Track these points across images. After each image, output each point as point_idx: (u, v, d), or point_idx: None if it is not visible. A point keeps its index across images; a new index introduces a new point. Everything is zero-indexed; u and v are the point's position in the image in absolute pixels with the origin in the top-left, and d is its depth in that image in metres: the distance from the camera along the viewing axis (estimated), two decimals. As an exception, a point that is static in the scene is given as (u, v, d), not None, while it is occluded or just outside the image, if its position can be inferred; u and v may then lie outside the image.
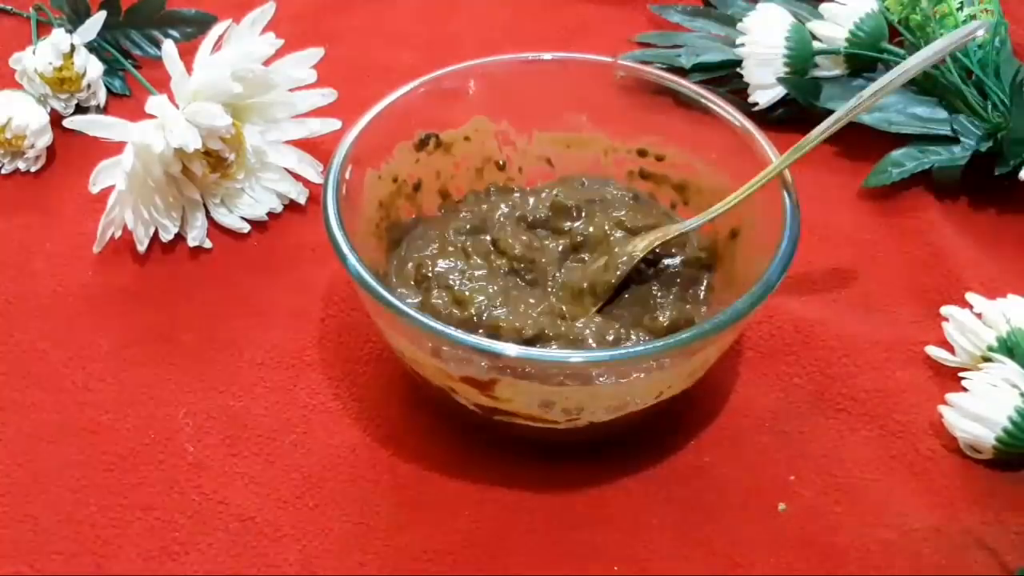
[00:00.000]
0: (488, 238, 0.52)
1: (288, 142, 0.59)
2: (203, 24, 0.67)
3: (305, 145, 0.60)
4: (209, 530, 0.46)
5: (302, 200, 0.60)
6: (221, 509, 0.46)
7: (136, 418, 0.50)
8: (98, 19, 0.65)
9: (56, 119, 0.62)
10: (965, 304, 0.51)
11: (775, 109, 0.65)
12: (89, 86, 0.64)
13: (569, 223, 0.53)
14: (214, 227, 0.58)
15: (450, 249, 0.52)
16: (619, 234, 0.52)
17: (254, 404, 0.50)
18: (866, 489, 0.48)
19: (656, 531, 0.46)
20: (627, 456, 0.48)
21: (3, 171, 0.62)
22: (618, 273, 0.50)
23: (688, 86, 0.53)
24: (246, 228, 0.58)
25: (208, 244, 0.58)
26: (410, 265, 0.52)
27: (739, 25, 0.66)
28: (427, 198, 0.55)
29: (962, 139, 0.61)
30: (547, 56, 0.55)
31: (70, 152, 0.63)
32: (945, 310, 0.51)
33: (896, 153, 0.62)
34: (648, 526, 0.46)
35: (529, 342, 0.47)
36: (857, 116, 0.51)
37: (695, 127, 0.53)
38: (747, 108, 0.63)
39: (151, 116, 0.54)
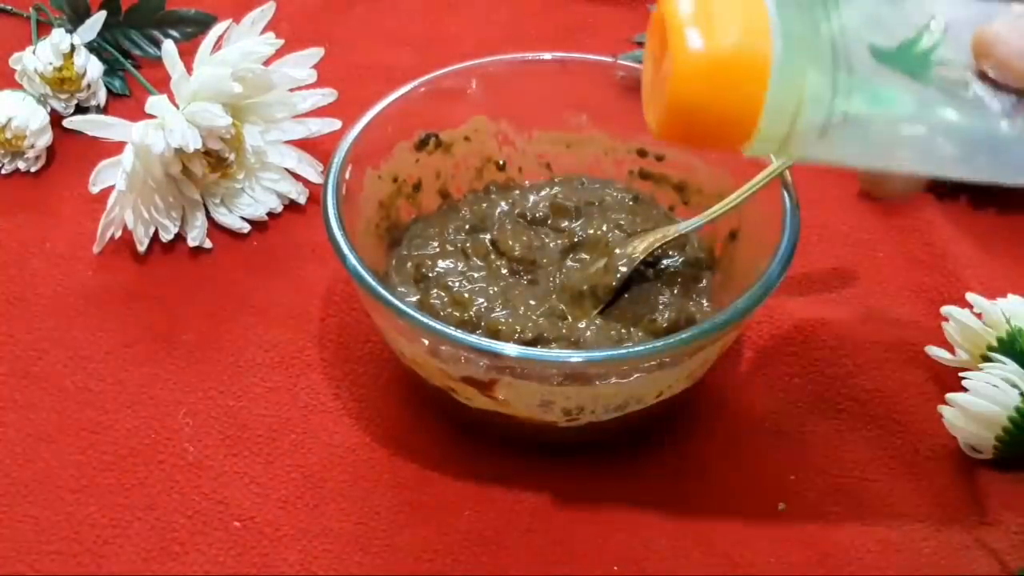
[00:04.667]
0: (488, 238, 0.53)
1: (288, 142, 0.59)
2: (203, 24, 0.67)
3: (305, 145, 0.60)
4: (209, 530, 0.46)
5: (302, 200, 0.60)
6: (221, 509, 0.46)
7: (136, 418, 0.50)
8: (98, 19, 0.65)
9: (56, 119, 0.62)
10: (965, 304, 0.51)
11: (775, 109, 0.65)
12: (89, 86, 0.64)
13: (568, 222, 0.53)
14: (214, 227, 0.58)
15: (450, 249, 0.52)
16: (619, 236, 0.52)
17: (254, 404, 0.50)
18: (866, 489, 0.48)
19: (656, 531, 0.46)
20: (627, 456, 0.48)
21: (3, 171, 0.62)
22: (618, 276, 0.50)
23: (688, 86, 0.53)
24: (246, 228, 0.58)
25: (208, 244, 0.58)
26: (410, 265, 0.52)
27: (739, 25, 0.66)
28: (427, 198, 0.55)
29: (962, 139, 0.61)
30: (547, 56, 0.55)
31: (70, 152, 0.63)
32: (945, 310, 0.51)
33: (896, 153, 0.61)
34: (648, 526, 0.46)
35: (529, 344, 0.47)
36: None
37: (695, 127, 0.53)
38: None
39: (151, 116, 0.54)
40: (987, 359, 0.49)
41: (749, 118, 0.32)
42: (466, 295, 0.49)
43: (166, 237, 0.57)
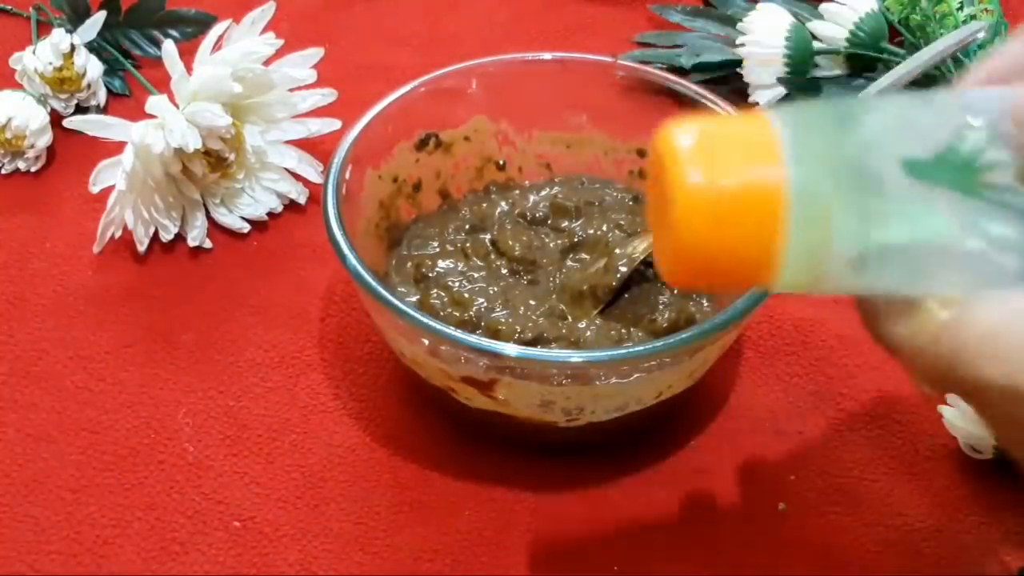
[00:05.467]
0: (488, 237, 0.53)
1: (288, 142, 0.59)
2: (203, 24, 0.67)
3: (305, 145, 0.60)
4: (209, 530, 0.46)
5: (302, 200, 0.60)
6: (221, 509, 0.46)
7: (136, 418, 0.50)
8: (98, 19, 0.65)
9: (56, 119, 0.61)
10: (965, 304, 0.51)
11: (775, 109, 0.65)
12: (89, 86, 0.64)
13: (568, 222, 0.53)
14: (214, 227, 0.58)
15: (449, 249, 0.52)
16: (618, 236, 0.52)
17: (254, 404, 0.50)
18: (866, 489, 0.48)
19: (656, 531, 0.46)
20: (627, 456, 0.48)
21: (3, 171, 0.62)
22: (618, 276, 0.50)
23: (688, 86, 0.53)
24: (246, 228, 0.58)
25: (208, 244, 0.58)
26: (410, 265, 0.52)
27: (739, 25, 0.66)
28: (427, 198, 0.55)
29: (962, 139, 0.61)
30: (547, 56, 0.55)
31: (70, 152, 0.63)
32: (945, 310, 0.51)
33: (896, 153, 0.61)
34: (648, 526, 0.46)
35: (529, 344, 0.47)
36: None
37: (695, 127, 0.53)
38: (747, 108, 0.63)
39: (151, 116, 0.54)
40: (987, 359, 0.49)
41: (768, 258, 0.27)
42: (466, 295, 0.49)
43: (166, 237, 0.57)
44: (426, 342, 0.44)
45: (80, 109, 0.65)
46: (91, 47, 0.65)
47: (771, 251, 0.27)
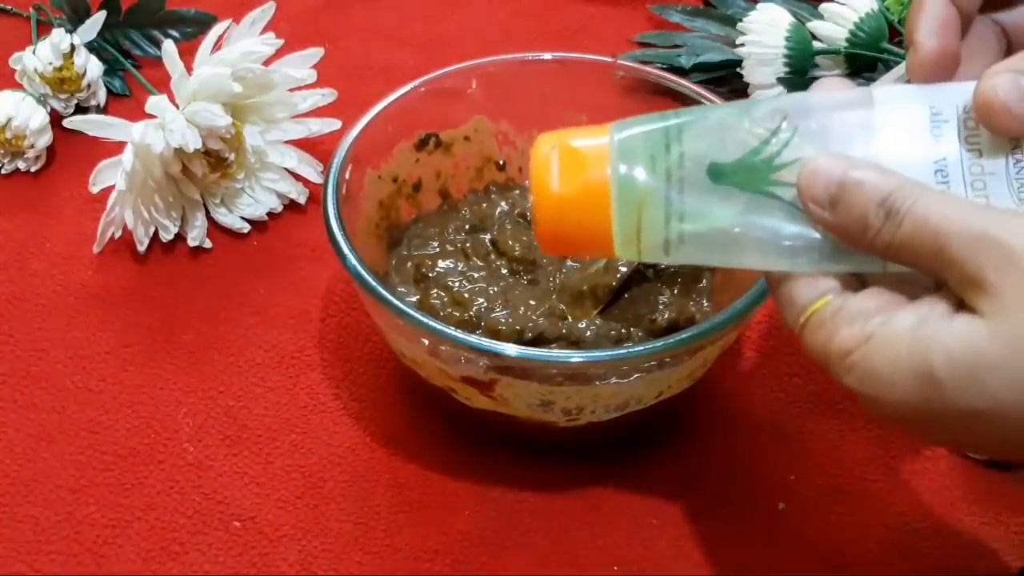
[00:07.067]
0: (488, 237, 0.53)
1: (288, 142, 0.59)
2: (203, 24, 0.67)
3: (305, 145, 0.60)
4: (209, 530, 0.46)
5: (302, 200, 0.60)
6: (221, 509, 0.46)
7: (136, 418, 0.50)
8: (98, 19, 0.65)
9: (56, 119, 0.61)
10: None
11: (775, 109, 0.65)
12: (89, 86, 0.64)
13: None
14: (214, 227, 0.58)
15: (450, 249, 0.52)
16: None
17: (254, 404, 0.50)
18: (866, 489, 0.48)
19: (656, 531, 0.46)
20: (627, 456, 0.48)
21: (3, 171, 0.62)
22: (619, 276, 0.50)
23: (688, 86, 0.53)
24: (246, 228, 0.58)
25: (208, 244, 0.58)
26: (410, 265, 0.52)
27: (739, 25, 0.66)
28: (427, 198, 0.55)
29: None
30: (547, 56, 0.55)
31: (70, 152, 0.63)
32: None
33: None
34: (648, 526, 0.46)
35: (530, 344, 0.47)
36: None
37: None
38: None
39: (151, 116, 0.54)
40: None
41: (604, 238, 0.36)
42: (466, 295, 0.49)
43: (166, 237, 0.57)
44: (426, 342, 0.44)
45: (80, 109, 0.65)
46: (91, 47, 0.65)
47: (604, 232, 0.36)
